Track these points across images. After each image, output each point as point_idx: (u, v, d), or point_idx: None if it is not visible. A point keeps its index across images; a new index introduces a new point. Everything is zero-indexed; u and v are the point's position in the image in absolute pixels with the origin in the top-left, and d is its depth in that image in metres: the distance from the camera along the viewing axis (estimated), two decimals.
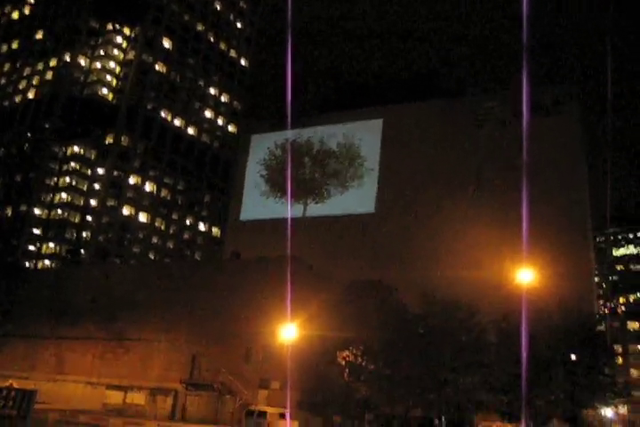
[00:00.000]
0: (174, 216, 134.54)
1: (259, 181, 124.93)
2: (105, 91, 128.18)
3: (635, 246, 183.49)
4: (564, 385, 45.87)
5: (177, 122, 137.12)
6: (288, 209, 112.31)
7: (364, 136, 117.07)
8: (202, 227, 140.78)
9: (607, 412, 68.59)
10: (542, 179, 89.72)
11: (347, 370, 51.69)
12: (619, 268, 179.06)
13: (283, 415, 44.30)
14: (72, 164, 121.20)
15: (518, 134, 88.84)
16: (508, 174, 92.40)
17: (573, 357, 50.85)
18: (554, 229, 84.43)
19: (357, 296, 52.81)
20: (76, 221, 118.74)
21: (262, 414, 42.08)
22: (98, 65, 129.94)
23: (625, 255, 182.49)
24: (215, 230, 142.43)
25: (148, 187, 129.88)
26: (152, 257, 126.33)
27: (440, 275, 70.82)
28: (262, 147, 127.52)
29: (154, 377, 59.95)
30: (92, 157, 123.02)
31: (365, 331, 48.72)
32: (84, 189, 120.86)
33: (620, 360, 70.07)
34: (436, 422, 58.14)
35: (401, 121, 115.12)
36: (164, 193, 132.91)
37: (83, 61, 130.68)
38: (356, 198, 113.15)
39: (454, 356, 46.09)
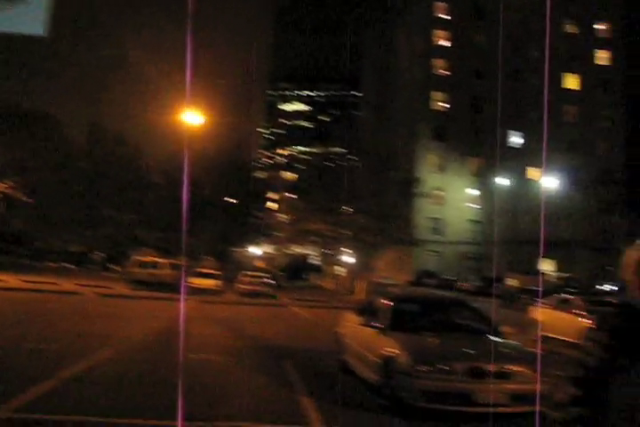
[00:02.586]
0: None
1: None
2: None
3: (302, 104, 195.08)
4: (219, 225, 48.83)
5: None
6: None
7: None
8: None
9: (254, 249, 75.20)
10: (228, 31, 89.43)
11: (1, 203, 49.19)
12: (285, 122, 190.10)
13: None
14: None
15: None
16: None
17: (230, 200, 54.17)
18: (231, 80, 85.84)
19: (17, 126, 49.27)
20: None
21: None
22: None
23: (292, 111, 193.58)
24: None
25: None
26: None
27: (109, 110, 68.63)
28: None
29: None
30: None
31: (24, 163, 46.24)
32: None
33: (272, 206, 76.26)
34: (93, 256, 58.84)
35: None
36: None
37: None
38: (23, 17, 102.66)
39: (116, 193, 46.14)
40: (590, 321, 16.50)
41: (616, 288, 42.43)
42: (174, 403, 7.71)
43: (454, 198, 69.43)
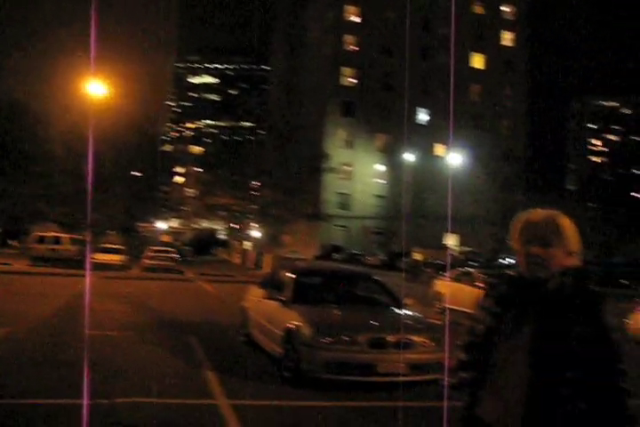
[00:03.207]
0: None
1: None
2: None
3: (211, 77, 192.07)
4: (123, 200, 47.70)
5: None
6: None
7: None
8: None
9: (160, 224, 74.03)
10: (136, 1, 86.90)
11: None
12: (193, 95, 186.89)
13: None
14: None
15: None
16: None
17: (136, 174, 52.96)
18: (139, 52, 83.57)
19: None
20: None
21: None
22: None
23: (200, 84, 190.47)
24: None
25: None
26: None
27: (6, 78, 65.68)
28: None
29: None
30: None
31: None
32: None
33: (179, 180, 75.07)
34: None
35: None
36: None
37: None
38: None
39: (14, 165, 44.22)
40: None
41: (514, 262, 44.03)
42: (74, 381, 7.52)
43: (362, 174, 70.24)
